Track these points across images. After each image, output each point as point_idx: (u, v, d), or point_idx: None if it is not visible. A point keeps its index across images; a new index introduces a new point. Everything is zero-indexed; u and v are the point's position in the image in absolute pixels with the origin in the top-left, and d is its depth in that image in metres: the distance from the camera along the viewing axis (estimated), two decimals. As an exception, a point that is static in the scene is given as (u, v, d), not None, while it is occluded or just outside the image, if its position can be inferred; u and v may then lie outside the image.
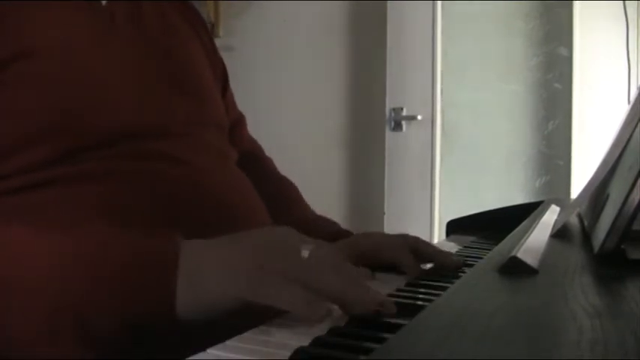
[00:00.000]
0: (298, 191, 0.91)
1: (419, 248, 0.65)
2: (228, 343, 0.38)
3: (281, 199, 0.84)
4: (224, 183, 0.66)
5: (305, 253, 0.49)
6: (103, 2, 0.67)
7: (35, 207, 0.55)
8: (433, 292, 0.54)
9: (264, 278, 0.44)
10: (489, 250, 0.67)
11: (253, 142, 0.95)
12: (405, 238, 0.68)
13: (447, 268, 0.64)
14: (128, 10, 0.69)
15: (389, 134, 2.22)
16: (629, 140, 0.53)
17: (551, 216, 0.75)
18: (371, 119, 2.31)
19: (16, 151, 0.56)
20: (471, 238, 0.90)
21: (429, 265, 0.66)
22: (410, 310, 0.44)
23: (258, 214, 0.70)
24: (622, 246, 0.46)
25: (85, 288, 0.44)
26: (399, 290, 0.55)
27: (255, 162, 0.89)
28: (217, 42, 0.92)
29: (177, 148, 0.64)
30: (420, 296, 0.54)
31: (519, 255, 0.43)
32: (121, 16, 0.68)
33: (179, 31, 0.77)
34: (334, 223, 0.84)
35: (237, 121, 0.91)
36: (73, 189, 0.57)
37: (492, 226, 0.92)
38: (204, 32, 0.84)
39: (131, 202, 0.58)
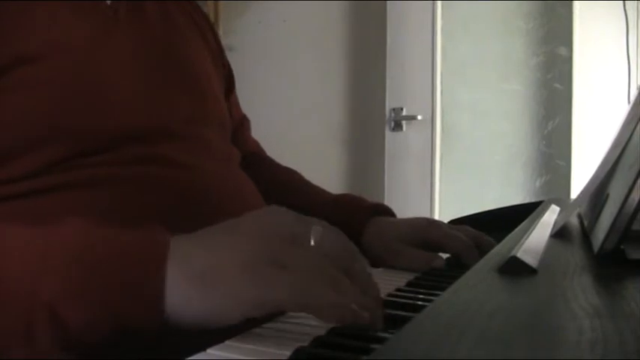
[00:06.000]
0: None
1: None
2: (228, 343, 0.38)
3: (297, 184, 0.84)
4: (227, 187, 0.66)
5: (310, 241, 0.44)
6: (108, 2, 0.67)
7: (36, 214, 0.54)
8: (433, 292, 0.54)
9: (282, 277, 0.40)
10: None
11: (257, 145, 0.95)
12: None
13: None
14: (132, 10, 0.69)
15: (389, 134, 2.23)
16: (629, 140, 0.53)
17: (551, 216, 0.74)
18: (371, 119, 2.31)
19: (15, 157, 0.55)
20: (471, 238, 0.89)
21: None
22: (410, 310, 0.44)
23: None
24: (622, 246, 0.46)
25: (62, 285, 0.40)
26: (399, 290, 0.55)
27: (259, 161, 0.89)
28: (217, 42, 0.92)
29: (180, 150, 0.64)
30: (420, 296, 0.53)
31: (519, 255, 0.43)
32: (124, 16, 0.67)
33: (183, 30, 0.76)
34: (362, 199, 0.84)
35: (241, 124, 0.91)
36: (74, 195, 0.56)
37: (492, 226, 0.92)
38: (210, 32, 0.84)
39: (134, 207, 0.57)
